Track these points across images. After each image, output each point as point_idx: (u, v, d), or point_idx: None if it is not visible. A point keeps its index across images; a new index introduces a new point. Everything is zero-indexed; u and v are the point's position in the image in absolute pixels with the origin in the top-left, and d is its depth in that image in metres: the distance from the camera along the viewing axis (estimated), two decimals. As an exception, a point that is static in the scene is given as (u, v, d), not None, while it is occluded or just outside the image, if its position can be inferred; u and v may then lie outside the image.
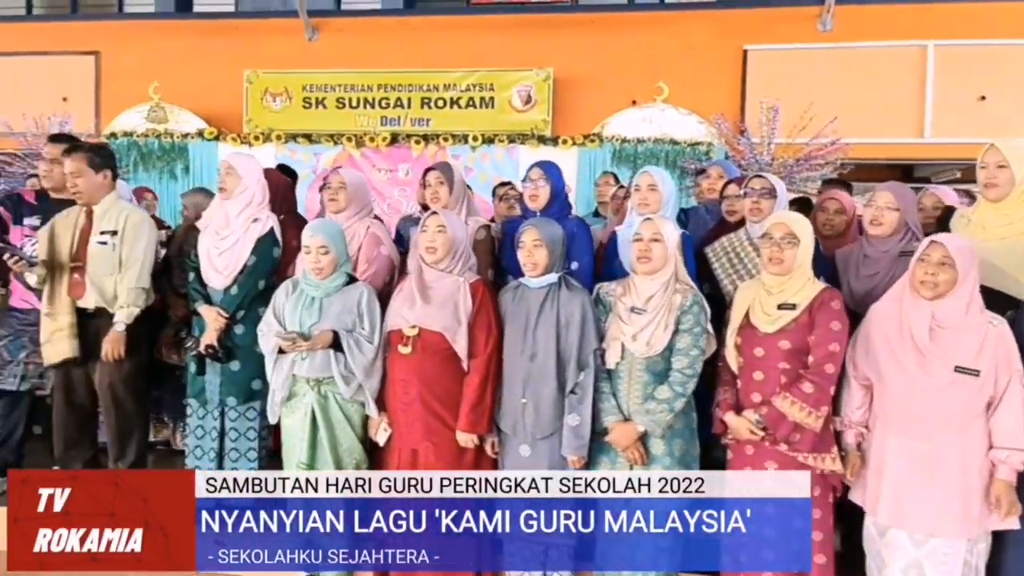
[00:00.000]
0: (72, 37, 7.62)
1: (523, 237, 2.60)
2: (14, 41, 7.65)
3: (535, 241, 2.57)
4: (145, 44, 7.43)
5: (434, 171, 3.09)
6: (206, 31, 7.43)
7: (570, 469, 2.50)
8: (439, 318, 2.58)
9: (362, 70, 6.99)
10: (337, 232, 2.73)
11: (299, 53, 7.23)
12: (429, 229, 2.64)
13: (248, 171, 3.09)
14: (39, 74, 7.58)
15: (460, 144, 6.81)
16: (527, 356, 2.56)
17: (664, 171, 3.12)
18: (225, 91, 7.10)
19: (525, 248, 2.59)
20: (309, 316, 2.65)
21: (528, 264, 2.59)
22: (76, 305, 2.99)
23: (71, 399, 3.09)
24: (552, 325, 2.55)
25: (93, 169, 3.00)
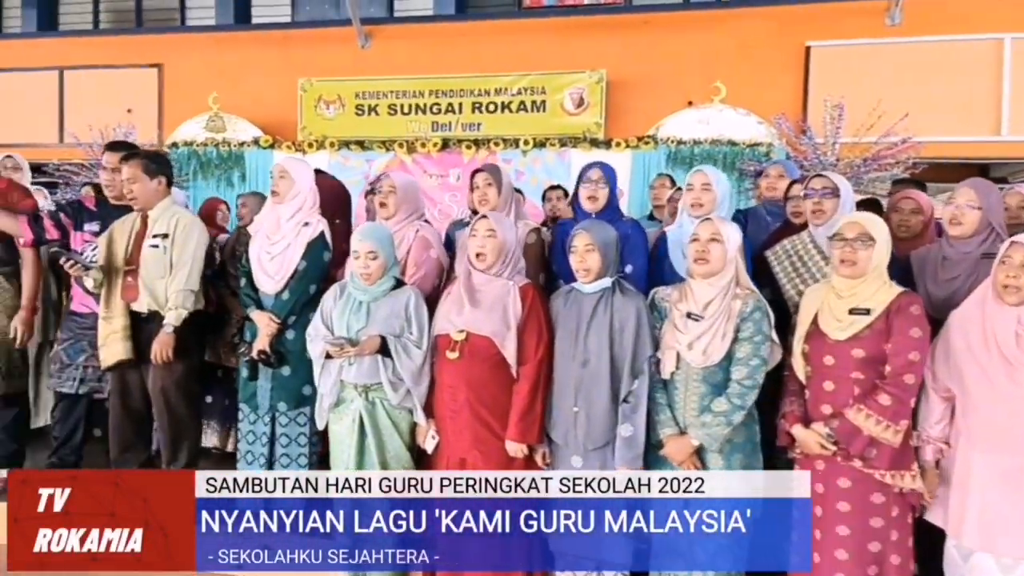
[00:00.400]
0: (136, 50, 7.88)
1: (574, 242, 2.52)
2: (82, 55, 7.96)
3: (587, 246, 2.48)
4: (205, 56, 7.63)
5: (482, 173, 3.03)
6: (262, 41, 7.59)
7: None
8: (488, 322, 2.51)
9: (413, 76, 7.01)
10: (386, 237, 2.70)
11: (352, 61, 7.30)
12: (479, 233, 2.58)
13: (301, 175, 3.10)
14: (105, 87, 7.86)
15: (511, 148, 6.76)
16: (579, 363, 2.47)
17: (718, 171, 3.00)
18: (280, 100, 7.22)
19: (577, 253, 2.50)
20: (357, 321, 2.62)
21: (580, 270, 2.50)
22: (130, 308, 3.03)
23: (127, 402, 3.14)
24: (605, 330, 2.45)
25: (148, 175, 3.05)
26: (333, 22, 7.74)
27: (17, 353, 3.34)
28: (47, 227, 3.26)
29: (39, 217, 3.27)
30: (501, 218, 2.66)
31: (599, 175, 2.89)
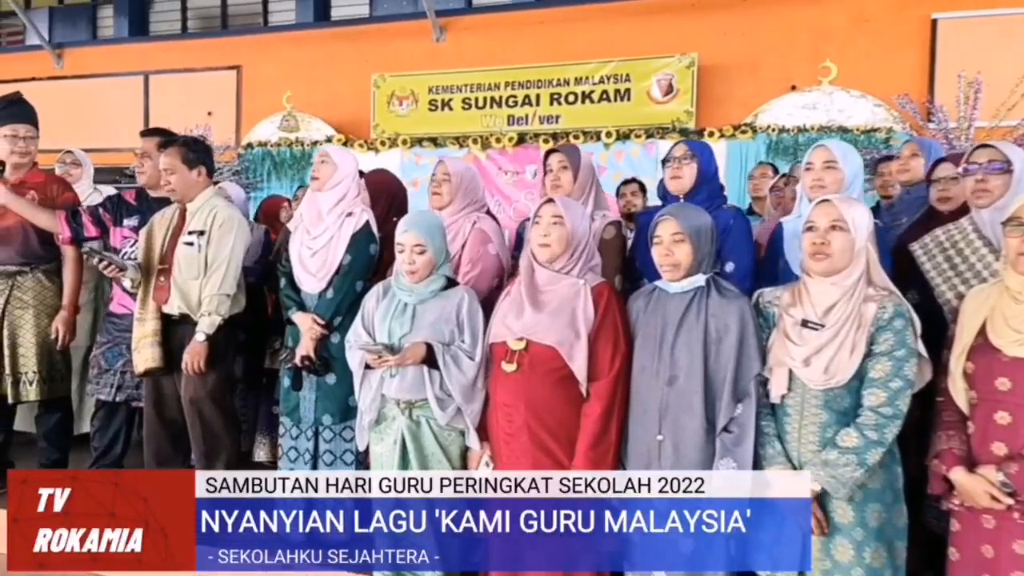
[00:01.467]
0: (217, 53, 7.93)
1: (658, 230, 2.06)
2: (166, 59, 8.08)
3: (675, 234, 2.02)
4: (281, 55, 7.58)
5: (556, 153, 2.62)
6: (338, 38, 7.46)
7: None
8: (552, 329, 2.09)
9: (488, 68, 6.69)
10: (436, 227, 2.32)
11: (426, 55, 7.06)
12: (543, 220, 2.16)
13: (344, 161, 2.79)
14: (188, 90, 7.95)
15: (592, 141, 6.32)
16: (664, 380, 2.02)
17: (846, 145, 2.46)
18: (354, 97, 7.06)
19: (662, 244, 2.05)
20: (400, 326, 2.25)
21: (666, 265, 2.04)
22: (162, 311, 2.78)
23: (161, 411, 2.90)
24: (698, 341, 1.99)
25: (187, 165, 2.80)
26: (408, 15, 7.52)
27: (59, 356, 3.17)
28: (85, 223, 3.08)
29: (78, 212, 3.09)
30: (571, 203, 2.23)
31: (683, 150, 2.44)
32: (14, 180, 3.09)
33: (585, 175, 2.60)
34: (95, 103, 8.18)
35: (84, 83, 8.33)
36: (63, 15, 10.04)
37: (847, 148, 2.40)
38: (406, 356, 2.16)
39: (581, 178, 2.58)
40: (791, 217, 2.48)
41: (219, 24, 9.25)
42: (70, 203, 3.14)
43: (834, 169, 2.31)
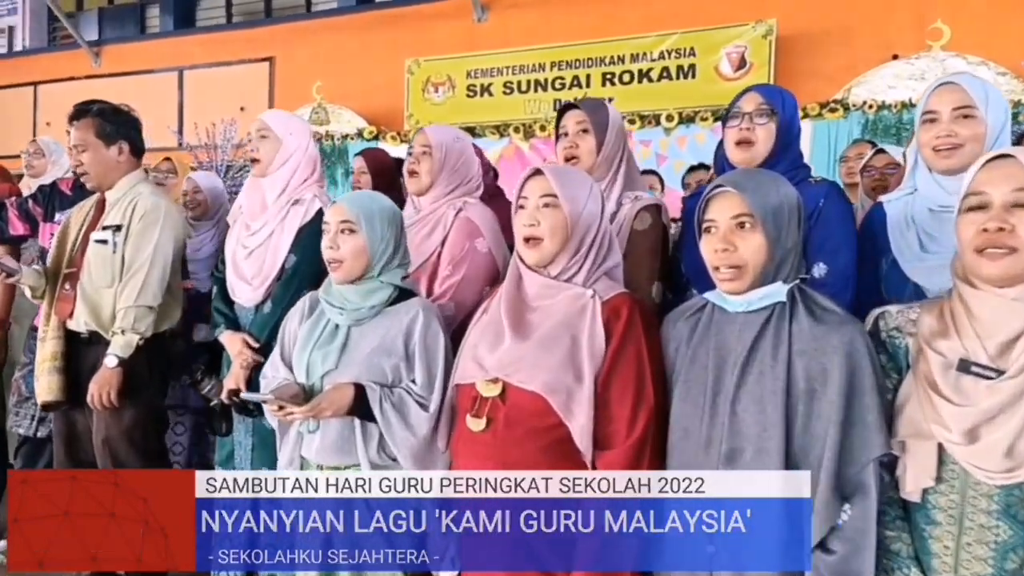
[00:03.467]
0: (250, 45, 7.51)
1: (711, 211, 1.29)
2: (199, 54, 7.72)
3: (737, 218, 1.25)
4: (313, 44, 7.08)
5: (575, 110, 1.88)
6: (372, 23, 6.89)
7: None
8: (540, 366, 1.35)
9: (532, 47, 5.96)
10: (379, 207, 1.62)
11: (465, 37, 6.39)
12: (529, 202, 1.43)
13: (291, 131, 2.13)
14: (221, 84, 7.57)
15: (651, 126, 5.50)
16: (719, 455, 1.25)
17: (986, 83, 1.62)
18: (387, 86, 6.47)
19: (716, 234, 1.27)
20: (323, 358, 1.55)
21: (723, 267, 1.27)
22: (67, 327, 2.18)
23: (74, 453, 2.30)
24: (776, 393, 1.21)
25: (103, 140, 2.20)
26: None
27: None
28: (11, 219, 2.53)
29: (3, 207, 2.54)
30: (569, 175, 1.49)
31: (757, 102, 1.68)
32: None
33: (613, 141, 1.86)
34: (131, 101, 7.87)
35: (121, 81, 8.06)
36: (111, 15, 9.92)
37: (987, 87, 1.57)
38: (321, 405, 1.45)
39: (608, 145, 1.83)
40: (897, 194, 1.67)
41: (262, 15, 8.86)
42: (2, 196, 2.59)
43: (971, 118, 1.49)
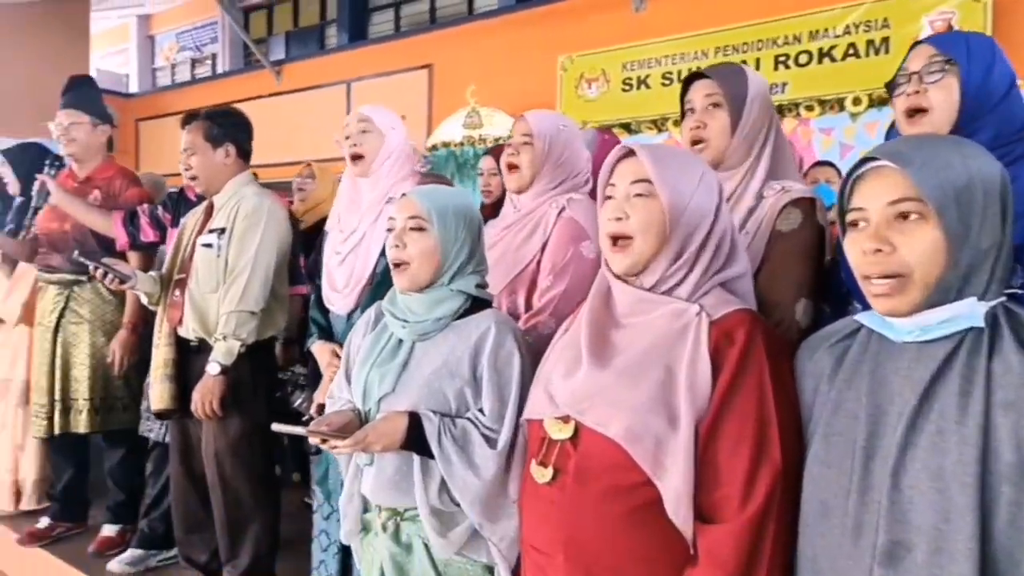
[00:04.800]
0: (410, 53, 7.70)
1: (860, 196, 0.93)
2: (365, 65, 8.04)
3: (899, 203, 0.88)
4: (468, 48, 7.10)
5: (703, 80, 1.53)
6: (526, 22, 6.76)
7: None
8: (621, 404, 1.05)
9: (695, 32, 5.51)
10: (454, 204, 1.39)
11: (622, 28, 6.06)
12: (618, 189, 1.13)
13: (394, 127, 1.99)
14: (385, 94, 7.81)
15: (832, 112, 4.84)
16: (873, 545, 0.88)
17: None
18: (539, 85, 6.31)
19: (869, 224, 0.91)
20: (381, 378, 1.34)
21: (875, 274, 0.89)
22: (177, 335, 2.18)
23: (188, 464, 2.30)
24: (967, 463, 0.83)
25: (211, 143, 2.18)
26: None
27: (119, 382, 2.74)
28: (143, 226, 2.61)
29: (136, 214, 2.63)
30: (674, 155, 1.16)
31: (927, 55, 1.27)
32: (82, 176, 2.74)
33: (755, 117, 1.49)
34: (306, 116, 8.41)
35: (297, 96, 8.63)
36: (296, 36, 10.74)
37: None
38: (368, 438, 1.24)
39: (747, 122, 1.47)
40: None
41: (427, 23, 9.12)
42: (132, 201, 2.69)
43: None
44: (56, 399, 2.64)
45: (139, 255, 2.68)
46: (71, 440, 2.75)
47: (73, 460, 2.87)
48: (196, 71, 12.09)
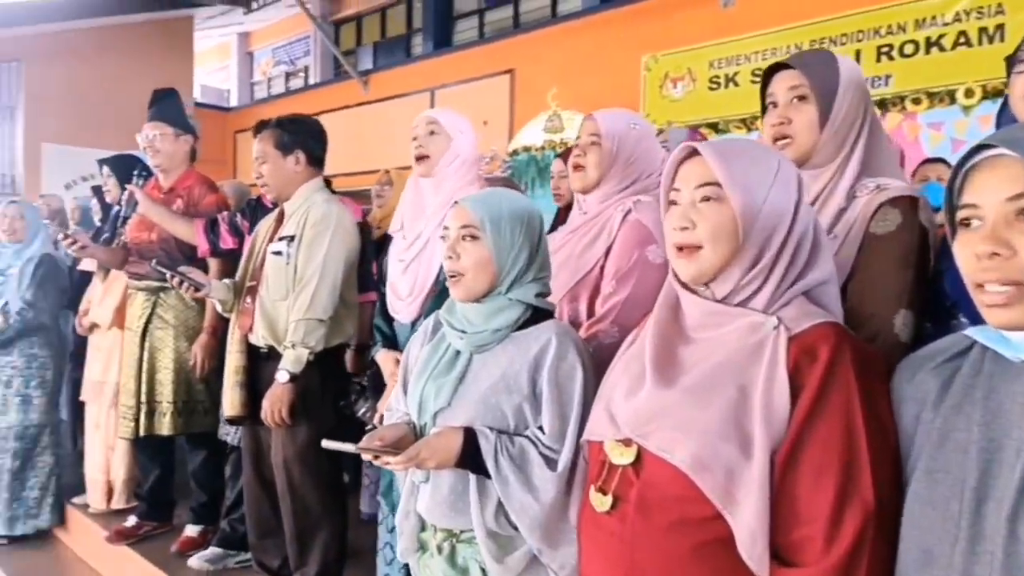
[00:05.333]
0: (492, 59, 7.74)
1: (972, 190, 0.80)
2: (448, 72, 8.13)
3: (1020, 198, 0.74)
4: (551, 52, 7.06)
5: (786, 71, 1.39)
6: (610, 23, 6.66)
7: None
8: (688, 427, 0.95)
9: (788, 26, 5.25)
10: (512, 211, 1.32)
11: (709, 25, 5.86)
12: (683, 194, 1.03)
13: (462, 130, 1.94)
14: (467, 101, 7.87)
15: (943, 105, 4.50)
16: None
17: None
18: (623, 86, 6.20)
19: (984, 224, 0.78)
20: (438, 390, 1.28)
21: (991, 281, 0.77)
22: (249, 342, 2.20)
23: (260, 470, 2.33)
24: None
25: (281, 152, 2.20)
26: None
27: (201, 385, 2.81)
28: (222, 233, 2.67)
29: (216, 222, 2.70)
30: (744, 152, 1.05)
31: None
32: (167, 186, 2.84)
33: (846, 109, 1.34)
34: (391, 124, 8.57)
35: (383, 105, 8.81)
36: (384, 46, 11.00)
37: None
38: (421, 454, 1.18)
39: (838, 116, 1.33)
40: None
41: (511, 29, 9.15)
42: (211, 208, 2.77)
43: None
44: (142, 402, 2.73)
45: (219, 262, 2.75)
46: (156, 442, 2.85)
47: (159, 461, 2.97)
48: (290, 83, 12.58)
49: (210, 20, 11.27)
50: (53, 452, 3.20)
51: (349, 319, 2.21)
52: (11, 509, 3.16)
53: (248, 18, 11.36)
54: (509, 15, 9.31)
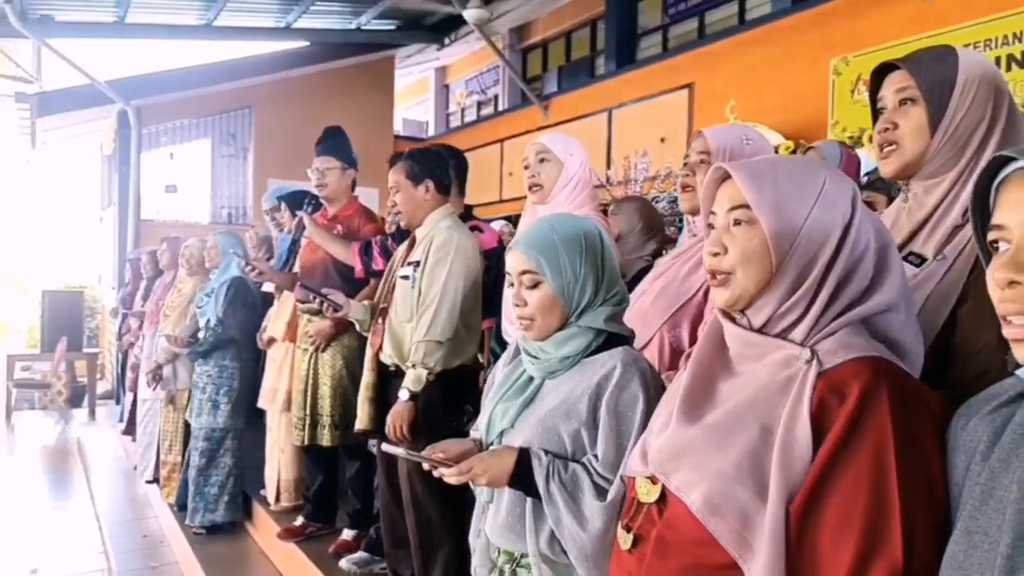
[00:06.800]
0: (670, 75, 7.63)
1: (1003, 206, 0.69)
2: (626, 91, 8.14)
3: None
4: (732, 62, 6.82)
5: (894, 73, 1.27)
6: (796, 27, 6.29)
7: None
8: (706, 467, 0.90)
9: (1004, 14, 4.63)
10: (566, 240, 1.32)
11: (911, 20, 5.33)
12: (718, 218, 0.99)
13: (572, 153, 1.98)
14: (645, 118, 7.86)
15: None
16: None
17: None
18: (809, 93, 5.82)
19: (1011, 246, 0.67)
20: (505, 412, 1.32)
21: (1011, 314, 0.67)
22: (379, 359, 2.38)
23: (393, 482, 2.48)
24: None
25: (411, 181, 2.37)
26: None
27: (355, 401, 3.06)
28: (375, 255, 2.92)
29: (370, 245, 2.95)
30: (780, 169, 0.97)
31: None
32: (331, 214, 3.15)
33: (965, 112, 1.20)
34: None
35: (562, 128, 9.00)
36: (568, 70, 11.26)
37: None
38: (473, 470, 1.22)
39: (952, 119, 1.19)
40: None
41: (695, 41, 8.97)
42: (369, 236, 3.03)
43: None
44: (307, 414, 3.04)
45: (374, 282, 2.99)
46: (320, 451, 3.15)
47: (323, 468, 3.28)
48: (481, 112, 13.28)
49: (408, 59, 12.23)
50: (233, 455, 3.65)
51: (471, 341, 2.30)
52: (194, 502, 3.66)
53: (443, 53, 12.18)
54: (693, 27, 9.13)
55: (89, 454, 6.08)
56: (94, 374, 8.48)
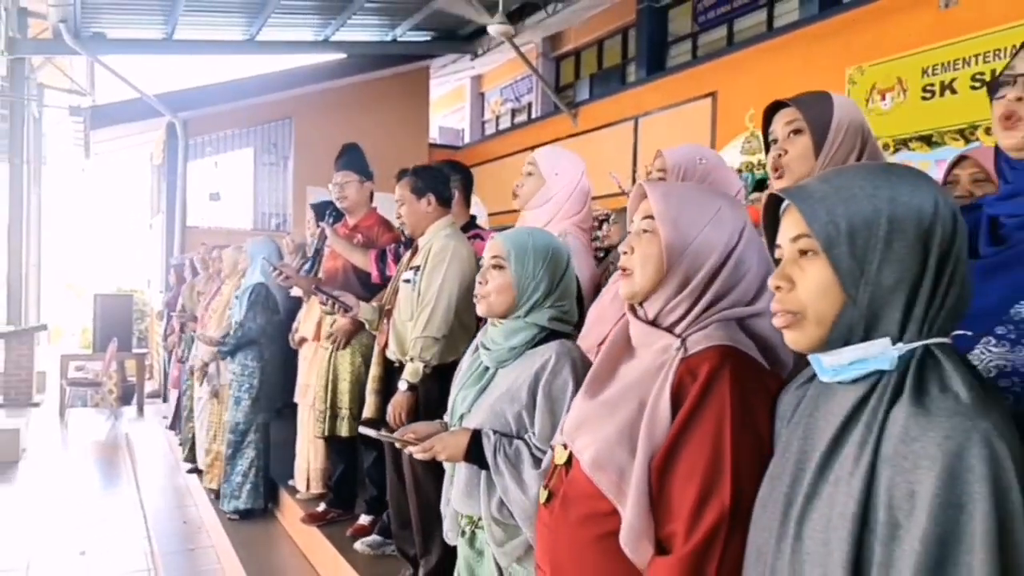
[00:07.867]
0: (694, 83, 7.79)
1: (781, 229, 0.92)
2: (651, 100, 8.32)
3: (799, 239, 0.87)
4: (753, 70, 6.95)
5: (784, 109, 1.52)
6: (811, 38, 6.41)
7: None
8: (596, 433, 1.14)
9: (1019, 23, 4.71)
10: (537, 246, 1.58)
11: (925, 30, 5.42)
12: (634, 224, 1.23)
13: (558, 172, 2.21)
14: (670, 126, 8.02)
15: None
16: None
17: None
18: (827, 102, 5.92)
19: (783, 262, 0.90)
20: (464, 398, 1.58)
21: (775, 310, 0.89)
22: (385, 355, 2.65)
23: (399, 467, 2.74)
24: (846, 517, 0.81)
25: (415, 195, 2.64)
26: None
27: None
28: (389, 262, 3.19)
29: (385, 252, 3.23)
30: (686, 191, 1.22)
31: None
32: (351, 224, 3.44)
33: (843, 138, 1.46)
34: (593, 153, 8.96)
35: (589, 136, 9.24)
36: (599, 77, 11.45)
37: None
38: (434, 447, 1.48)
39: (833, 146, 1.44)
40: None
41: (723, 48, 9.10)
42: (387, 244, 3.31)
43: None
44: (327, 406, 3.33)
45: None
46: (341, 441, 3.43)
47: (343, 457, 3.56)
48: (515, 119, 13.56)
49: (444, 68, 12.58)
50: (255, 447, 3.97)
51: (464, 338, 2.55)
52: (224, 489, 4.02)
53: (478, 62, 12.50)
54: (723, 35, 9.26)
55: (136, 448, 6.50)
56: (143, 373, 8.99)
